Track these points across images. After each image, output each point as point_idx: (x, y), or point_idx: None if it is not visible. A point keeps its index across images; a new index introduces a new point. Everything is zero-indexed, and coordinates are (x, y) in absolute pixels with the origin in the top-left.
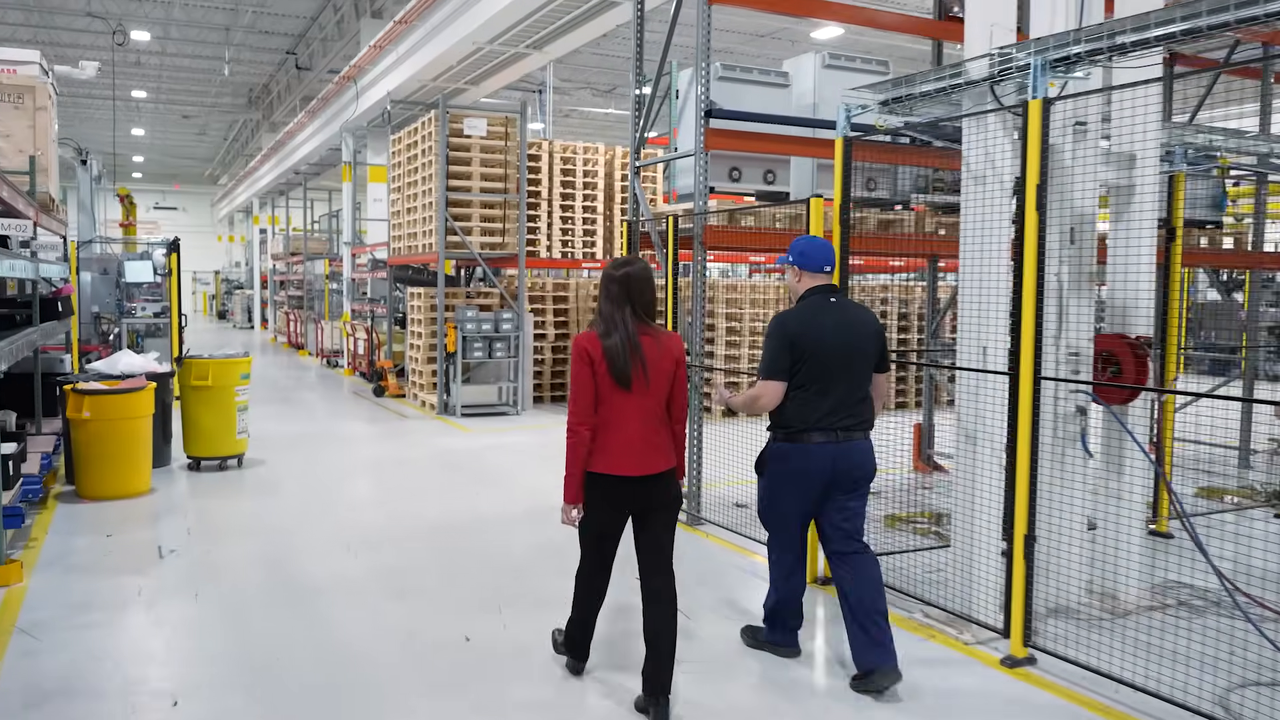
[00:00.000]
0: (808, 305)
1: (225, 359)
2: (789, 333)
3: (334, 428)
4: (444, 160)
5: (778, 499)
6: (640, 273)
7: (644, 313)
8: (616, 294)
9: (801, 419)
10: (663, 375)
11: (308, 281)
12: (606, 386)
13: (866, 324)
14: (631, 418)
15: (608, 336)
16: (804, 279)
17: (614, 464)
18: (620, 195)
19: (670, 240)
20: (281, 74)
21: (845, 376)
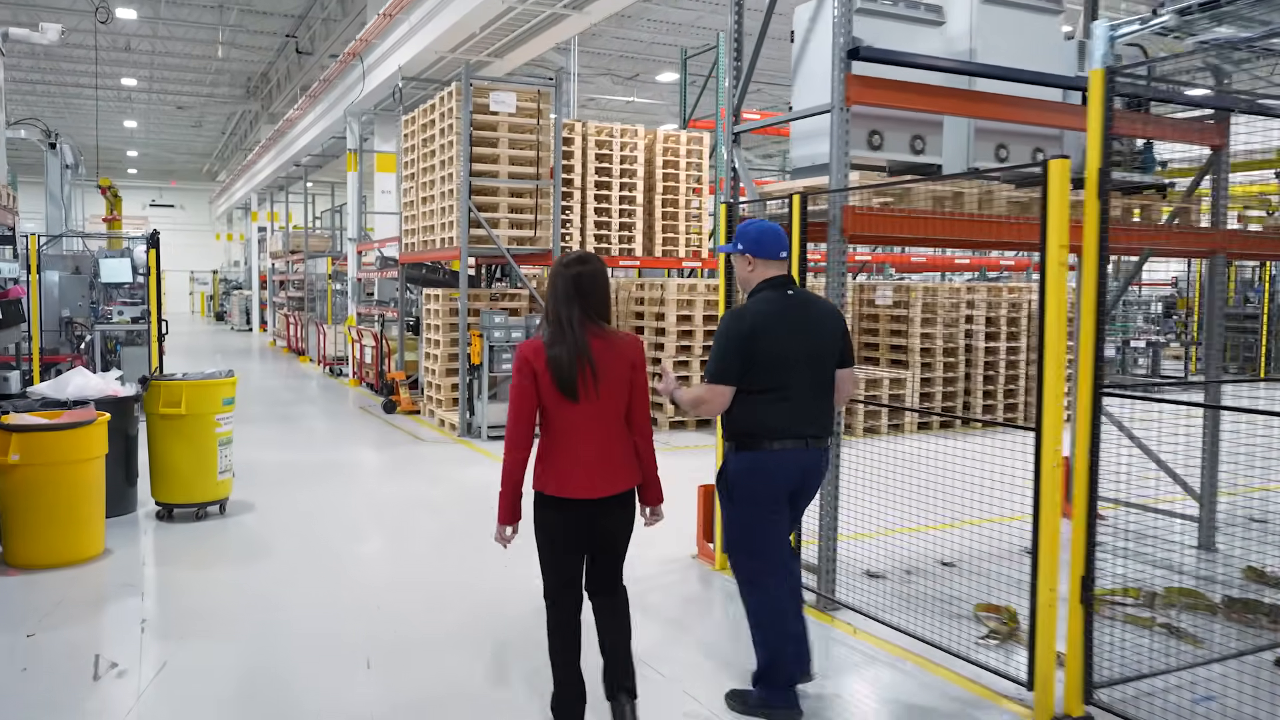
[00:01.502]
0: (763, 299)
1: (202, 380)
2: (743, 331)
3: (339, 455)
4: (467, 140)
5: (755, 521)
6: (594, 269)
7: (596, 314)
8: (564, 292)
9: (762, 425)
10: (617, 382)
11: (309, 282)
12: (553, 399)
13: (828, 318)
14: (583, 432)
15: (553, 343)
16: (757, 268)
17: (566, 485)
18: (663, 184)
19: (795, 228)
20: (281, 60)
21: (808, 378)
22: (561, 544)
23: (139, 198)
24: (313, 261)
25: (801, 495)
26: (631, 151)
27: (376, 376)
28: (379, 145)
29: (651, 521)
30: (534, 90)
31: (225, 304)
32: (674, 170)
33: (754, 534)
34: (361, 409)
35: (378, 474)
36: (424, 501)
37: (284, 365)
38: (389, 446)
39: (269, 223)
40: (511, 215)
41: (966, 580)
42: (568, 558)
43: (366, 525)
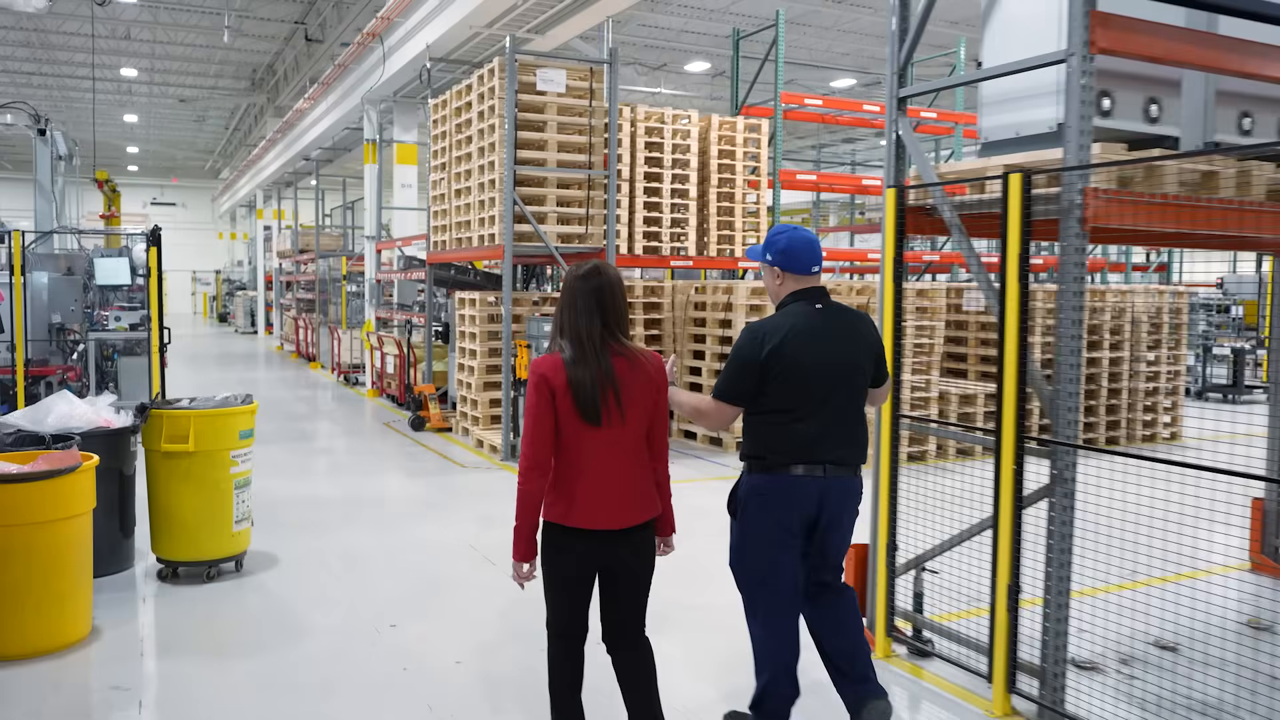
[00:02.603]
0: (788, 314)
1: (215, 409)
2: (760, 348)
3: (368, 485)
4: (512, 124)
5: (762, 546)
6: (614, 279)
7: (617, 328)
8: (585, 306)
9: (780, 448)
10: (640, 406)
11: (321, 283)
12: (571, 422)
13: (861, 334)
14: (603, 459)
15: (575, 363)
16: (786, 282)
17: (583, 515)
18: (718, 175)
19: (1013, 219)
20: (289, 50)
21: (833, 399)
22: (576, 578)
23: (139, 195)
24: (324, 261)
25: (828, 527)
26: (684, 140)
27: (400, 388)
28: (399, 135)
29: (661, 553)
30: (585, 68)
31: (229, 305)
32: (729, 161)
33: (759, 559)
34: (385, 425)
35: (417, 512)
36: (480, 552)
37: (294, 373)
38: (424, 475)
39: (275, 221)
40: (560, 210)
41: (1209, 677)
42: (581, 592)
43: (418, 587)
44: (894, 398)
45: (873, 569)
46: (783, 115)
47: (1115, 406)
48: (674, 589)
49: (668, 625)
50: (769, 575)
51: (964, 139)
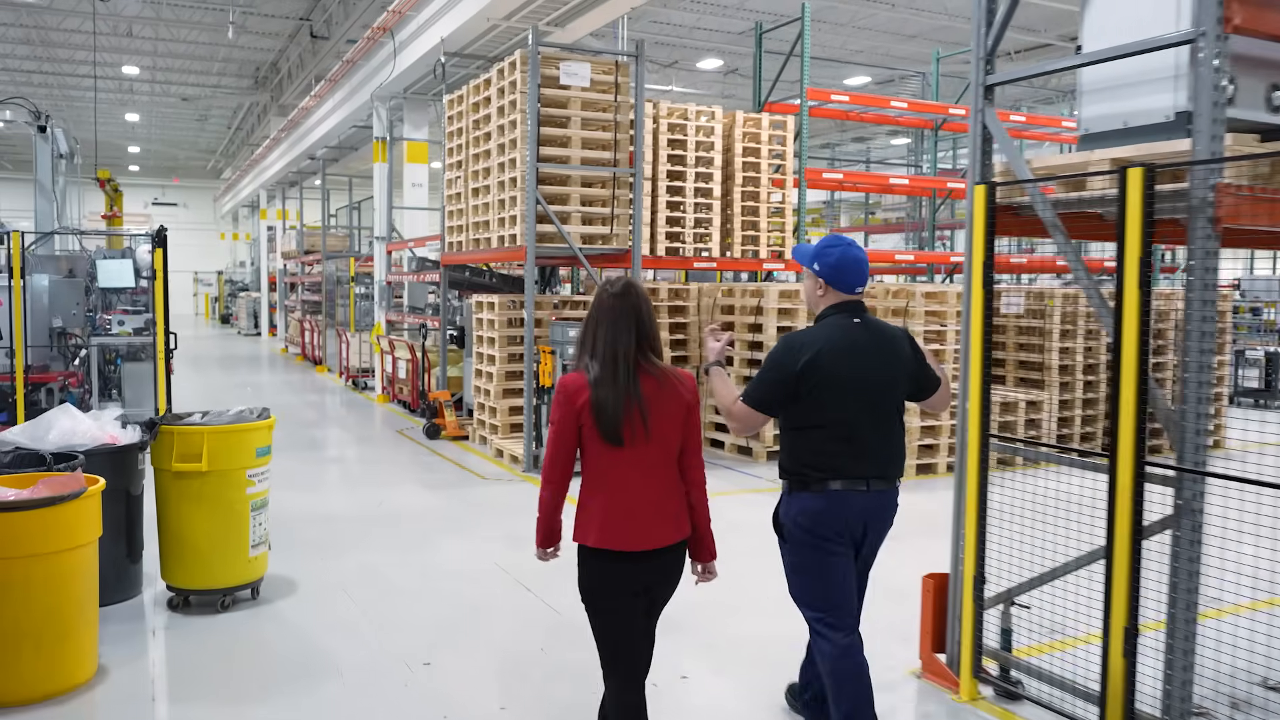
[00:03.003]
0: (826, 326)
1: (230, 425)
2: (796, 359)
3: (385, 498)
4: (534, 119)
5: (814, 568)
6: (645, 296)
7: (649, 347)
8: (621, 325)
9: (817, 464)
10: (669, 425)
11: (327, 284)
12: (595, 441)
13: (897, 348)
14: (631, 479)
15: (599, 383)
16: (828, 295)
17: (610, 536)
18: (742, 174)
19: (1133, 217)
20: (293, 47)
21: (870, 414)
22: (618, 601)
23: (141, 196)
24: (331, 262)
25: (869, 542)
26: (707, 137)
27: (413, 394)
28: (409, 132)
29: (704, 579)
30: (611, 61)
31: (231, 306)
32: (754, 159)
33: (816, 581)
34: (398, 432)
35: (439, 529)
36: (511, 575)
37: (299, 376)
38: (443, 486)
39: (279, 221)
40: (584, 209)
41: None
42: (628, 617)
43: (449, 616)
44: (982, 415)
45: (955, 601)
46: (808, 112)
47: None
48: (719, 616)
49: (714, 656)
50: (825, 598)
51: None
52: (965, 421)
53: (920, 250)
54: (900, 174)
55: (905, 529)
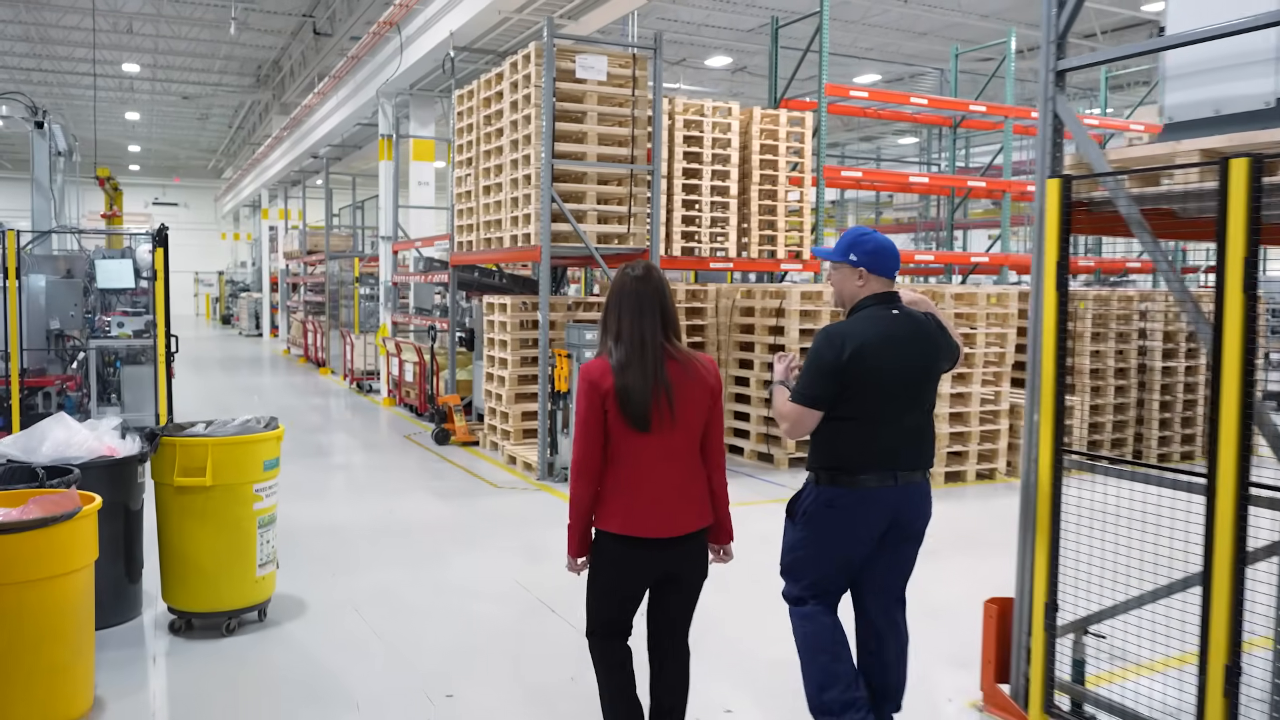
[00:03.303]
0: (867, 318)
1: (236, 436)
2: (841, 351)
3: (395, 508)
4: (549, 114)
5: (819, 557)
6: (664, 280)
7: (671, 330)
8: (643, 308)
9: (852, 457)
10: (694, 411)
11: (331, 285)
12: (621, 429)
13: (932, 335)
14: (655, 466)
15: (624, 368)
16: (869, 284)
17: (633, 523)
18: (760, 172)
19: (1235, 212)
20: (296, 45)
21: (909, 405)
22: (628, 587)
23: (141, 195)
24: (334, 263)
25: (899, 538)
26: (724, 134)
27: (421, 398)
28: (415, 129)
29: (720, 560)
30: (628, 54)
31: (232, 307)
32: (772, 156)
33: (817, 566)
34: (405, 438)
35: (454, 540)
36: (531, 593)
37: (302, 379)
38: (455, 496)
39: (281, 221)
40: (600, 208)
41: None
42: (630, 600)
43: (470, 640)
44: (1055, 427)
45: (1021, 630)
46: (826, 109)
47: (1190, 419)
48: (756, 642)
49: (755, 685)
50: (818, 585)
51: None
52: (1033, 433)
53: (939, 250)
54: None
55: (938, 543)
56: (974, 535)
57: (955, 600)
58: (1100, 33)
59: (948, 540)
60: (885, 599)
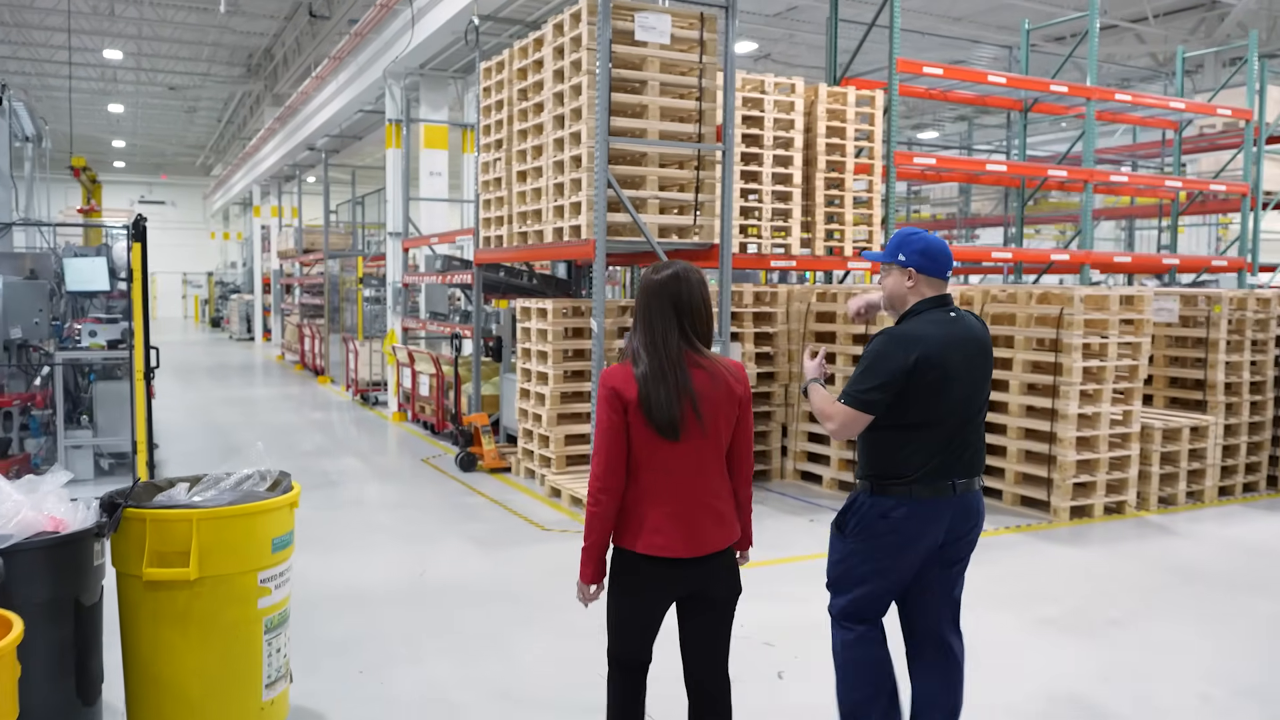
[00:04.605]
0: (929, 321)
1: (233, 508)
2: (908, 361)
3: (427, 562)
4: (606, 80)
5: (871, 573)
6: (696, 280)
7: (697, 336)
8: (660, 311)
9: (910, 466)
10: (721, 419)
11: (330, 286)
12: (644, 438)
13: (986, 344)
14: (679, 479)
15: (647, 374)
16: (919, 286)
17: (658, 541)
18: (825, 158)
19: None
20: (289, 30)
21: (969, 411)
22: (650, 610)
23: (126, 193)
24: (334, 262)
25: (955, 555)
26: (787, 113)
27: (438, 414)
28: (427, 114)
29: (740, 563)
30: (695, 13)
31: (222, 310)
32: (839, 140)
33: (869, 581)
34: (424, 461)
35: (510, 612)
36: None
37: (299, 389)
38: (497, 543)
39: (273, 219)
40: (662, 195)
41: None
42: (652, 624)
43: None
44: None
45: None
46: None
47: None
48: None
49: None
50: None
51: (1096, 120)
52: None
53: (1017, 247)
54: (996, 159)
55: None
56: (1094, 599)
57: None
58: (1152, 16)
59: (1056, 599)
60: (937, 617)
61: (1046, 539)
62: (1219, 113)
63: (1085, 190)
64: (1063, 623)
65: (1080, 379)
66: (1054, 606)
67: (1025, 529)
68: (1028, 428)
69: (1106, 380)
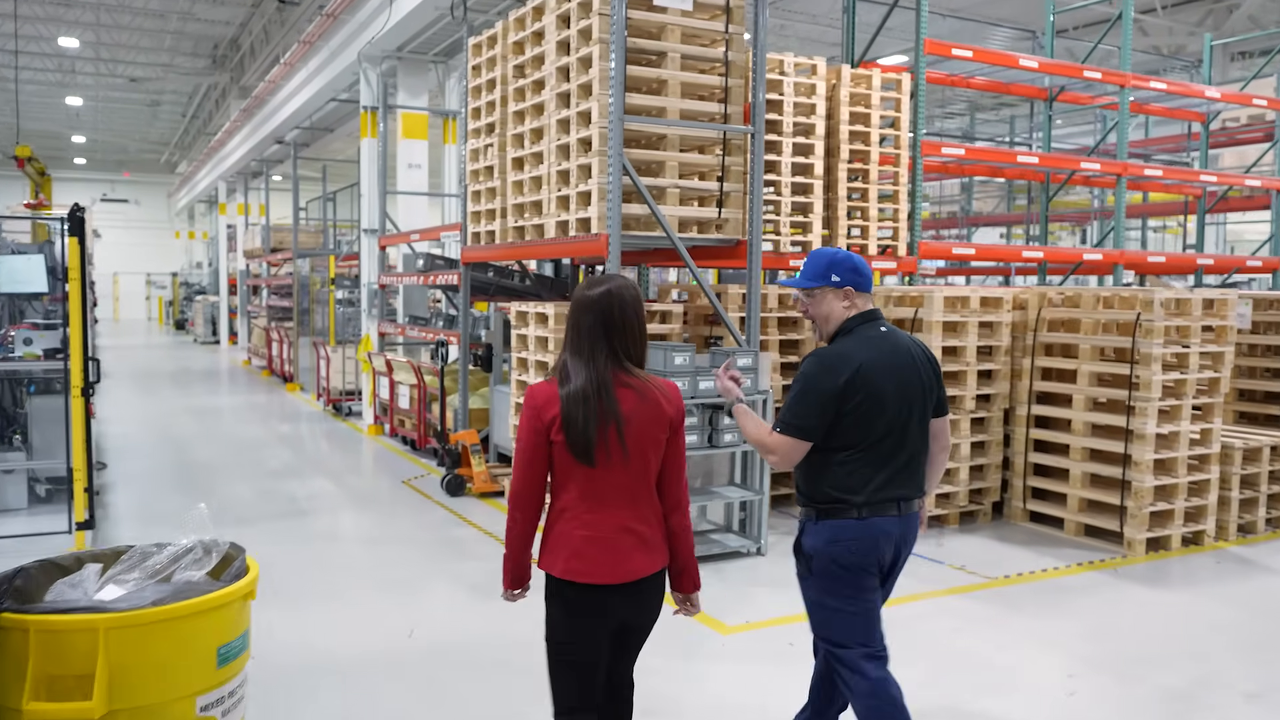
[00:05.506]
0: (859, 339)
1: (161, 608)
2: (837, 376)
3: (414, 612)
4: (621, 50)
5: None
6: (626, 296)
7: (625, 354)
8: (590, 328)
9: (852, 488)
10: (649, 442)
11: (300, 287)
12: (566, 459)
13: (923, 357)
14: (603, 501)
15: (570, 394)
16: (853, 304)
17: (577, 566)
18: (849, 147)
19: None
20: (256, 19)
21: (906, 430)
22: (582, 645)
23: (87, 191)
24: (304, 261)
25: (894, 568)
26: (808, 97)
27: (420, 429)
28: (405, 100)
29: (686, 611)
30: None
31: (186, 311)
32: (863, 127)
33: (853, 617)
34: (405, 484)
35: (519, 687)
36: None
37: (266, 397)
38: (494, 586)
39: (240, 216)
40: (682, 183)
41: None
42: (587, 667)
43: None
44: None
45: None
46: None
47: None
48: None
49: None
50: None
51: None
52: None
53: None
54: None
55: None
56: (1212, 661)
57: None
58: (1160, 7)
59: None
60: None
61: (1126, 579)
62: (1255, 103)
63: (1119, 185)
64: (1192, 697)
65: (1160, 394)
66: (1170, 673)
67: (1098, 565)
68: (1094, 448)
69: (1186, 395)
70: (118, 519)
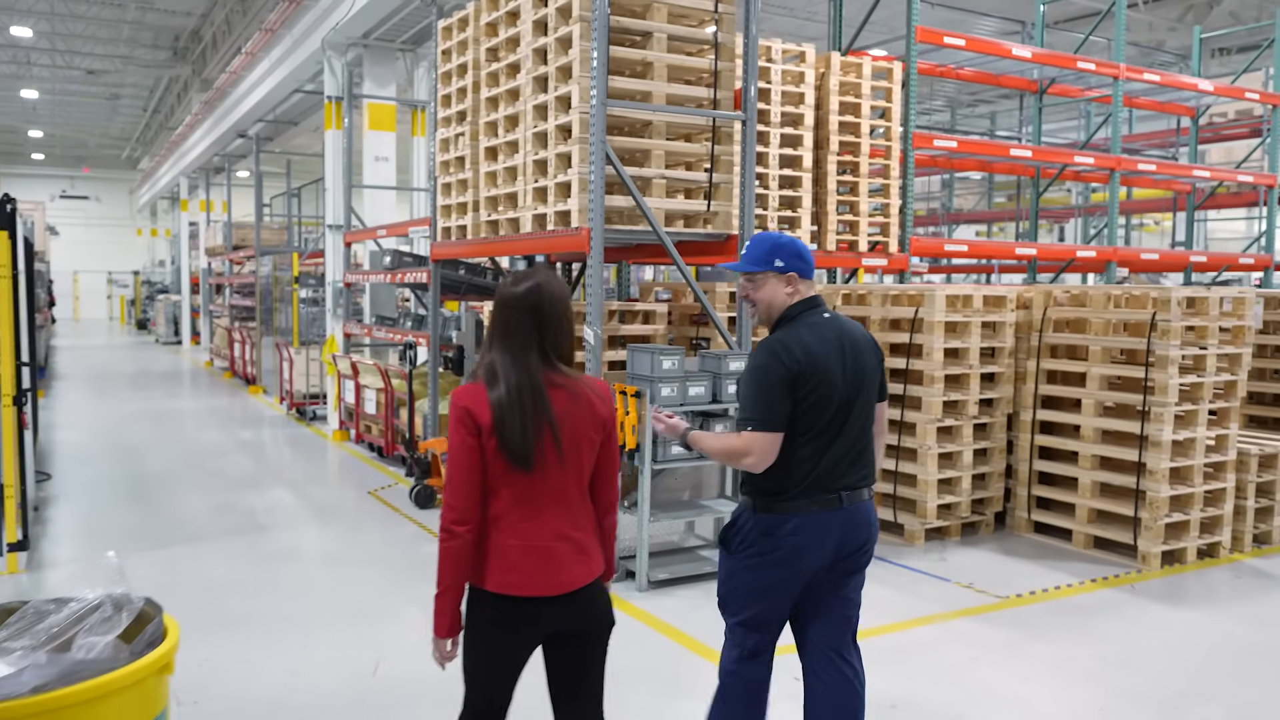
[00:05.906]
0: (803, 325)
1: (45, 696)
2: (790, 365)
3: (381, 643)
4: (604, 30)
5: (757, 585)
6: (556, 292)
7: (555, 353)
8: (519, 326)
9: (795, 479)
10: (583, 443)
11: (263, 286)
12: (498, 465)
13: (866, 342)
14: (537, 508)
15: (500, 396)
16: (796, 290)
17: (512, 579)
18: (838, 138)
19: None
20: (218, 10)
21: (851, 417)
22: (510, 654)
23: (45, 188)
24: (267, 259)
25: (848, 566)
26: (797, 86)
27: (387, 435)
28: (372, 89)
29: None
30: None
31: (148, 310)
32: (853, 118)
33: (758, 600)
34: (371, 494)
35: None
36: None
37: (228, 400)
38: None
39: (202, 213)
40: (668, 174)
41: None
42: (512, 670)
43: None
44: None
45: None
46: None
47: None
48: None
49: None
50: (771, 618)
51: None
52: None
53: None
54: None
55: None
56: (1257, 690)
57: None
58: (1142, 2)
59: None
60: (834, 635)
61: (1144, 596)
62: (1247, 96)
63: (1111, 179)
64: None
65: (1176, 398)
66: (1213, 704)
67: (1112, 582)
68: (1105, 455)
69: (1203, 399)
70: (58, 537)
